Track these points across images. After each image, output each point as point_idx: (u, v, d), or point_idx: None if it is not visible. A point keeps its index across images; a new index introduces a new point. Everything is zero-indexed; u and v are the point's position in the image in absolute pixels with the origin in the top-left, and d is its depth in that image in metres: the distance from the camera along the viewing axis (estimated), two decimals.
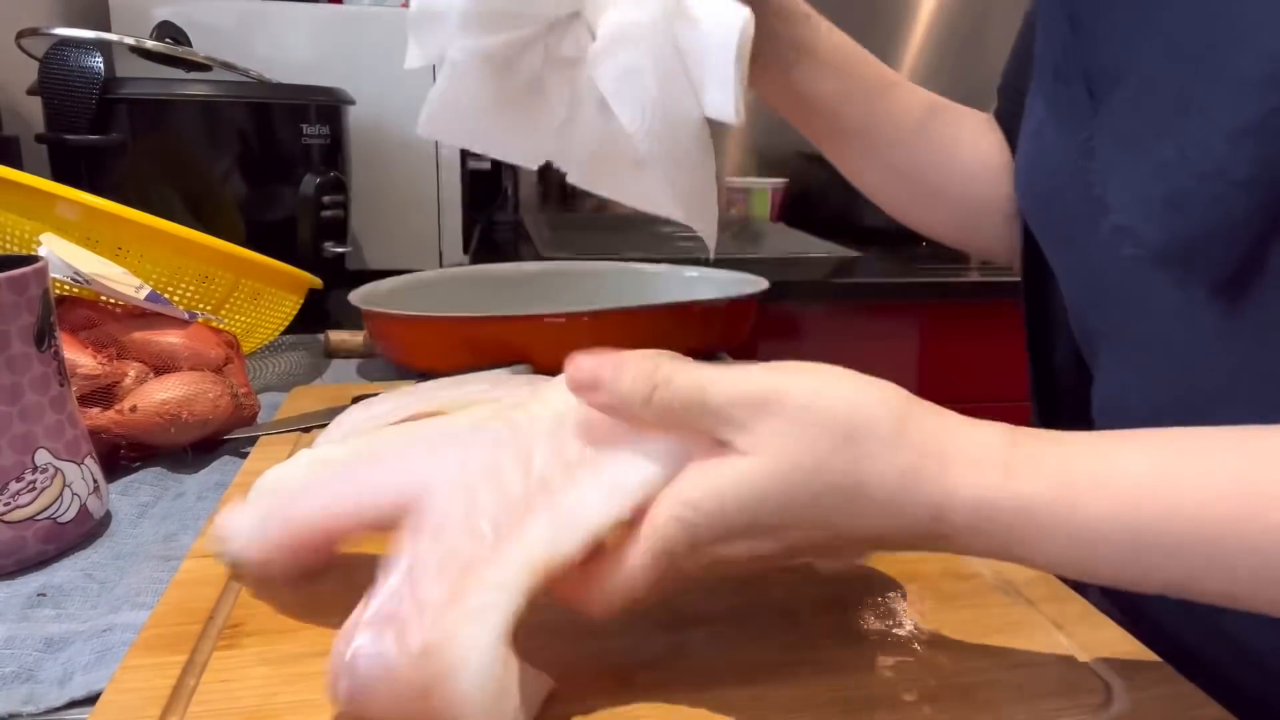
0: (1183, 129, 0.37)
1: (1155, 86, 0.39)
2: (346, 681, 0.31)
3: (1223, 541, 0.29)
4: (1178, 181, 0.37)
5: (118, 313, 0.62)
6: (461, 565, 0.32)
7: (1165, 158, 0.38)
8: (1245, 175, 0.35)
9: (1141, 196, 0.39)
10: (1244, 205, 0.35)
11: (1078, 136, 0.43)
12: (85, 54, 0.81)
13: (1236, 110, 0.35)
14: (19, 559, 0.46)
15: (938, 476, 0.31)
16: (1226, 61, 0.35)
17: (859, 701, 0.34)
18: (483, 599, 0.31)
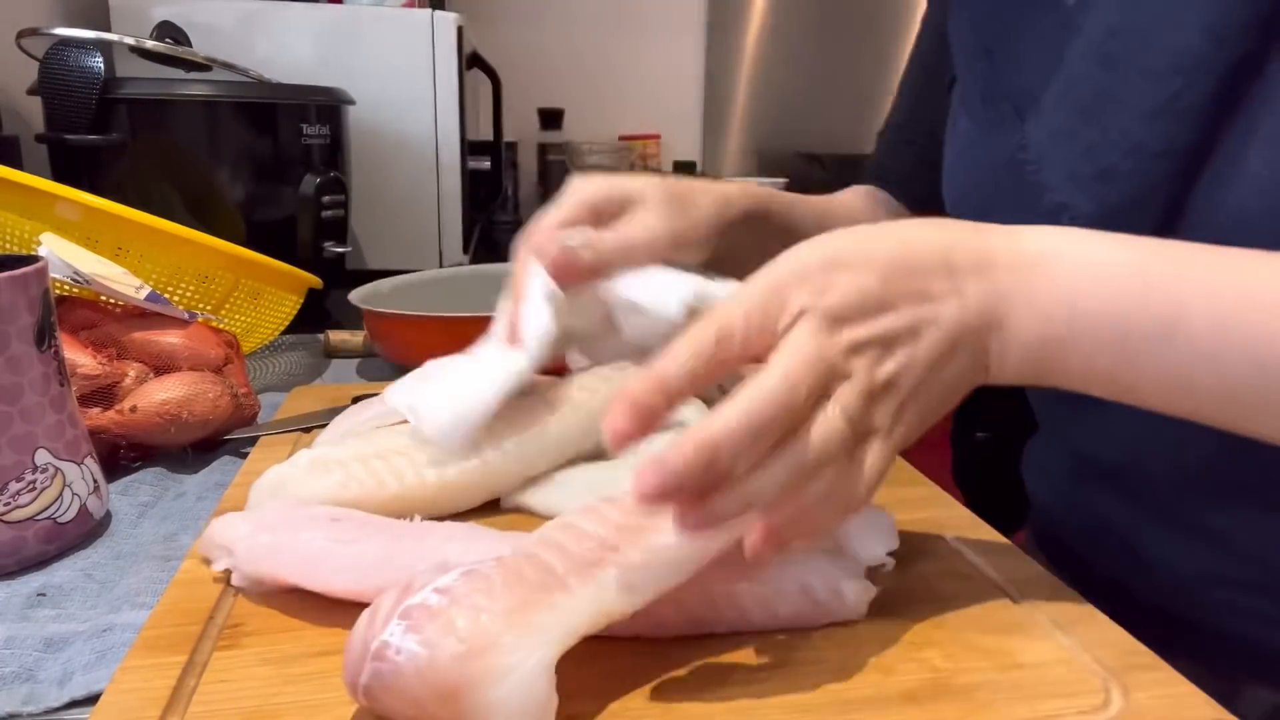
0: (1105, 117, 0.45)
1: (1078, 86, 0.47)
2: (369, 672, 0.30)
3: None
4: (1104, 159, 0.45)
5: (118, 313, 0.62)
6: (529, 586, 0.32)
7: (1092, 141, 0.45)
8: (1159, 148, 0.43)
9: (1074, 175, 0.46)
10: (1159, 174, 0.43)
11: (1011, 141, 0.50)
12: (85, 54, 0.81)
13: (1148, 96, 0.43)
14: (19, 559, 0.46)
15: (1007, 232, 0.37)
16: (1136, 59, 0.43)
17: (859, 701, 0.34)
18: (545, 619, 0.31)
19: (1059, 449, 0.60)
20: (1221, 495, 0.48)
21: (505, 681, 0.30)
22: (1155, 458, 0.50)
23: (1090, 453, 0.56)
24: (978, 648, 0.38)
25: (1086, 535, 0.57)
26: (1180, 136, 0.42)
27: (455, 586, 0.31)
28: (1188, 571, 0.50)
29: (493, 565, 0.33)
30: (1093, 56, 0.46)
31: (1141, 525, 0.52)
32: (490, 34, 1.92)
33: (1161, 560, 0.51)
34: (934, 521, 0.49)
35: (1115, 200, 0.45)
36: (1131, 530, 0.53)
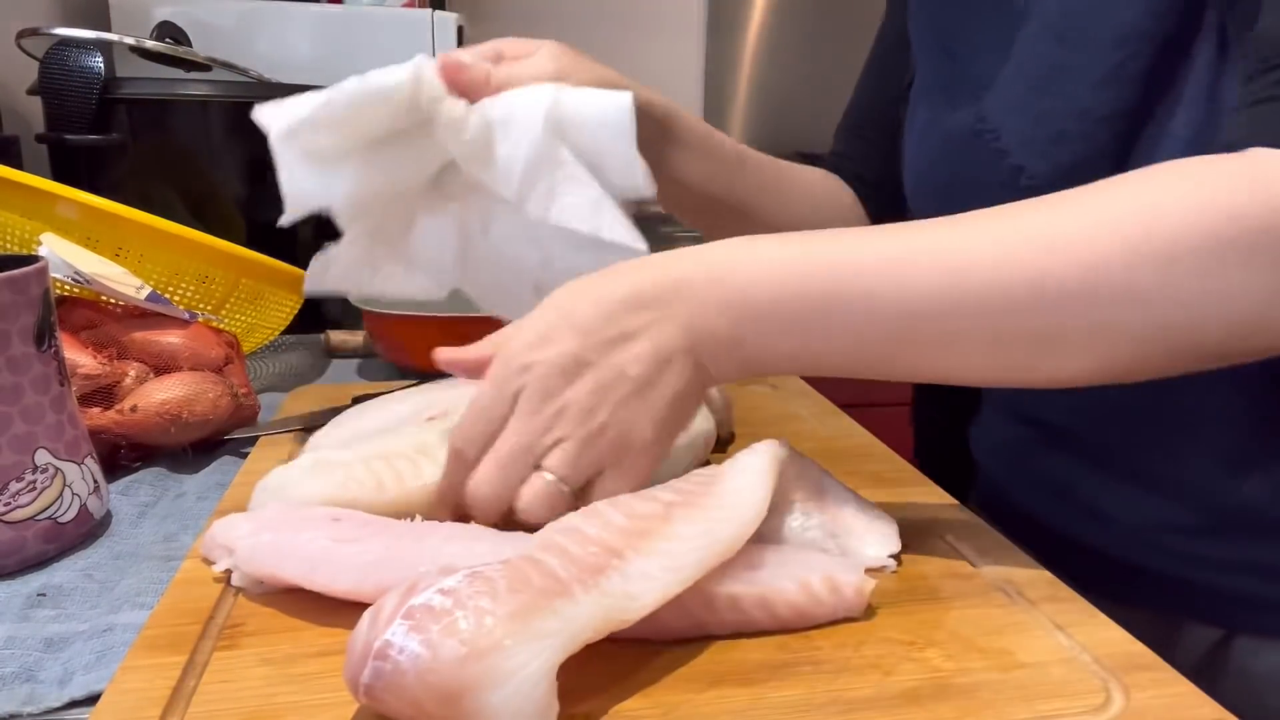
0: (1057, 86, 0.50)
1: (1033, 63, 0.52)
2: (370, 671, 0.30)
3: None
4: (1057, 124, 0.50)
5: (118, 313, 0.62)
6: (533, 590, 0.32)
7: (1045, 108, 0.50)
8: (1106, 112, 0.48)
9: (1030, 139, 0.51)
10: (1106, 136, 0.48)
11: (970, 115, 0.55)
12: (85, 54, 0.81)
13: (1096, 65, 0.48)
14: (19, 559, 0.46)
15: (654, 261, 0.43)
16: (1086, 32, 0.49)
17: (859, 701, 0.34)
18: (550, 624, 0.31)
19: (1004, 418, 0.65)
20: (1159, 446, 0.53)
21: (506, 685, 0.30)
22: (1094, 417, 0.55)
23: (1034, 418, 0.61)
24: (978, 648, 0.38)
25: (1034, 494, 0.61)
26: (1123, 102, 0.48)
27: (459, 588, 0.31)
28: (1133, 520, 0.54)
29: (497, 568, 0.33)
30: (1047, 34, 0.51)
31: (1087, 480, 0.57)
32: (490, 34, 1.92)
33: (1107, 511, 0.56)
34: (934, 521, 0.49)
35: (1067, 161, 0.50)
36: (1078, 486, 0.57)
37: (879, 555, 0.44)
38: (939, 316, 0.40)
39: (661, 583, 0.35)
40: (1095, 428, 0.56)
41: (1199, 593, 0.53)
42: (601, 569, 0.34)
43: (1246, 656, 0.52)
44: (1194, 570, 0.53)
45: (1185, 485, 0.52)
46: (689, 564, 0.36)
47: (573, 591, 0.33)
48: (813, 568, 0.40)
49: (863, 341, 0.41)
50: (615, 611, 0.33)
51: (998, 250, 0.39)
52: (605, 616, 0.33)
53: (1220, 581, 0.52)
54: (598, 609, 0.33)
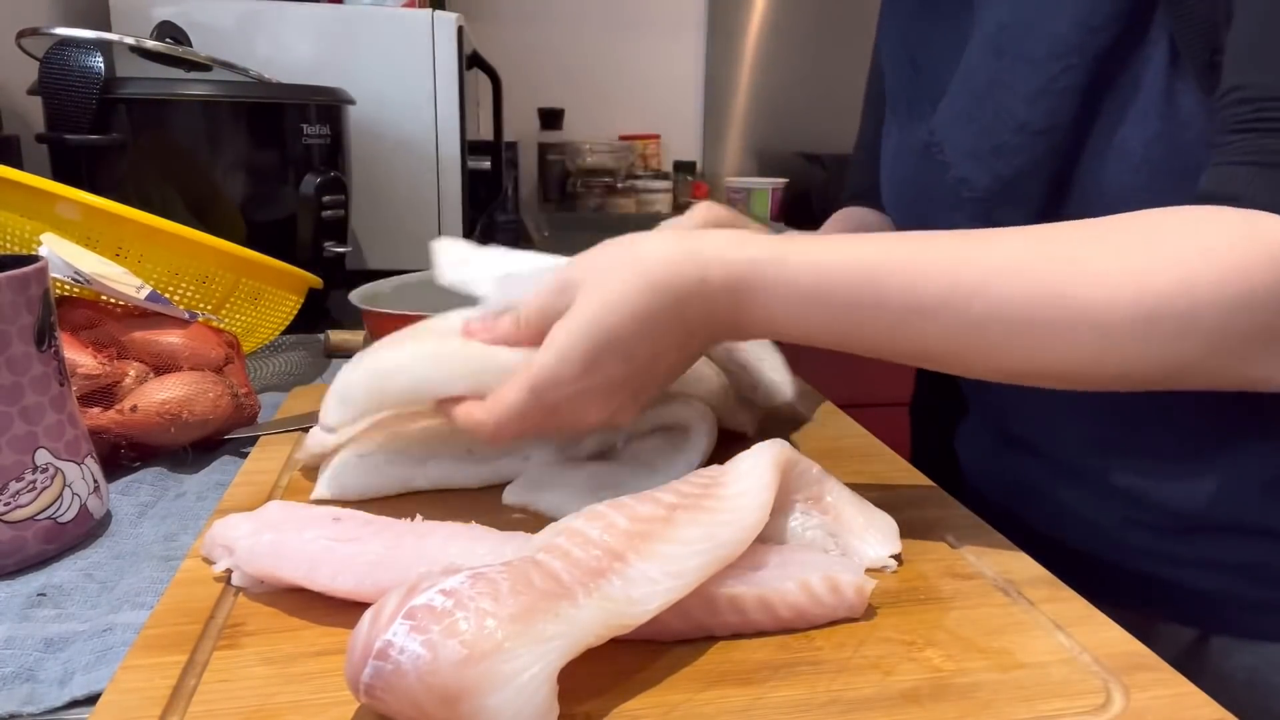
0: (996, 100, 0.51)
1: (975, 75, 0.53)
2: (370, 670, 0.30)
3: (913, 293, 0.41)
4: (996, 137, 0.51)
5: (118, 313, 0.62)
6: (536, 593, 0.32)
7: (986, 122, 0.52)
8: (1041, 125, 0.49)
9: (971, 152, 0.53)
10: (1043, 148, 0.49)
11: (923, 130, 0.57)
12: (85, 54, 0.81)
13: (1031, 80, 0.49)
14: (19, 559, 0.46)
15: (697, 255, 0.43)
16: (1022, 48, 0.49)
17: (859, 701, 0.34)
18: (552, 628, 0.31)
19: (984, 424, 0.67)
20: (1119, 452, 0.55)
21: (506, 688, 0.29)
22: (1062, 428, 0.58)
23: (1009, 426, 0.63)
24: (978, 648, 0.38)
25: (1012, 493, 0.63)
26: (1059, 115, 0.48)
27: (461, 589, 0.31)
28: (1106, 521, 0.56)
29: (500, 569, 0.33)
30: (987, 47, 0.52)
31: (1059, 484, 0.59)
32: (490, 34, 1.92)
33: (1080, 513, 0.57)
34: (934, 521, 0.49)
35: (1006, 174, 0.51)
36: (1051, 488, 0.59)
37: (879, 555, 0.44)
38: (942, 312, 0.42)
39: (664, 587, 0.35)
40: (1050, 436, 0.59)
41: (1173, 592, 0.54)
42: (603, 572, 0.34)
43: (1222, 657, 0.53)
44: (1167, 569, 0.54)
45: (1154, 494, 0.53)
46: (691, 568, 0.36)
47: (575, 595, 0.33)
48: (813, 568, 0.40)
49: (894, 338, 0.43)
50: (617, 616, 0.33)
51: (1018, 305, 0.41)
52: (607, 621, 0.33)
53: (1193, 581, 0.53)
54: (600, 613, 0.33)
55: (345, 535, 0.41)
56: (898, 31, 0.65)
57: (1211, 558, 0.52)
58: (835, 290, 0.42)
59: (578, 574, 0.34)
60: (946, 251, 0.42)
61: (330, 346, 0.85)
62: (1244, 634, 0.52)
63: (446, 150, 1.22)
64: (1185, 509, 0.52)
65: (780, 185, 1.93)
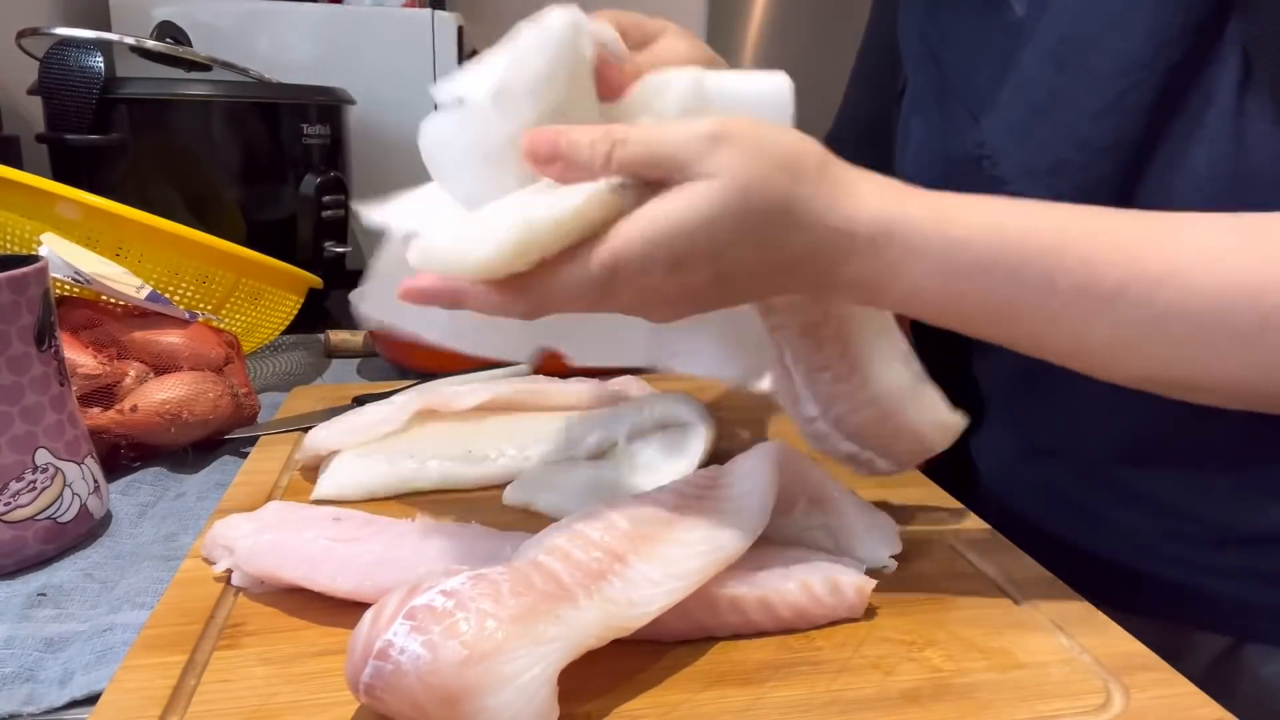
0: (1057, 114, 0.48)
1: (1032, 87, 0.50)
2: (370, 670, 0.30)
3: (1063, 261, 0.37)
4: (1057, 153, 0.48)
5: (118, 312, 0.62)
6: (537, 595, 0.32)
7: (1045, 137, 0.49)
8: (1106, 142, 0.46)
9: (1029, 169, 0.50)
10: (1107, 167, 0.47)
11: (969, 139, 0.54)
12: (85, 54, 0.81)
13: (1096, 96, 0.46)
14: (19, 559, 0.46)
15: (849, 196, 0.37)
16: (1086, 63, 0.47)
17: (859, 701, 0.34)
18: (553, 630, 0.31)
19: (1007, 431, 0.64)
20: (1152, 461, 0.52)
21: (506, 689, 0.29)
22: (1090, 435, 0.55)
23: (1034, 433, 0.61)
24: (978, 648, 0.38)
25: (1035, 502, 0.61)
26: (1126, 132, 0.46)
27: (462, 589, 0.31)
28: (1138, 530, 0.54)
29: (501, 570, 0.33)
30: (1046, 60, 0.49)
31: (1086, 491, 0.57)
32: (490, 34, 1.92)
33: (1107, 521, 0.55)
34: (934, 521, 0.49)
35: (1066, 191, 0.47)
36: (1077, 496, 0.57)
37: (880, 555, 0.44)
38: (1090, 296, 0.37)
39: (665, 589, 0.35)
40: (1080, 444, 0.57)
41: (1206, 601, 0.52)
42: (604, 574, 0.34)
43: (1256, 664, 0.51)
44: (1200, 578, 0.52)
45: (1177, 499, 0.52)
46: (693, 569, 0.36)
47: (576, 597, 0.33)
48: (814, 568, 0.40)
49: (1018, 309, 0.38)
50: (618, 618, 0.33)
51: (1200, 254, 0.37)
52: (608, 622, 0.33)
53: (1227, 590, 0.51)
54: (601, 615, 0.33)
55: (345, 535, 0.41)
56: (914, 26, 0.62)
57: (1248, 567, 0.51)
58: (1001, 263, 0.37)
59: (579, 575, 0.34)
60: (1130, 231, 0.38)
61: (330, 346, 0.85)
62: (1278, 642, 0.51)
63: None
64: (1221, 520, 0.51)
65: None
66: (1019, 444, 0.63)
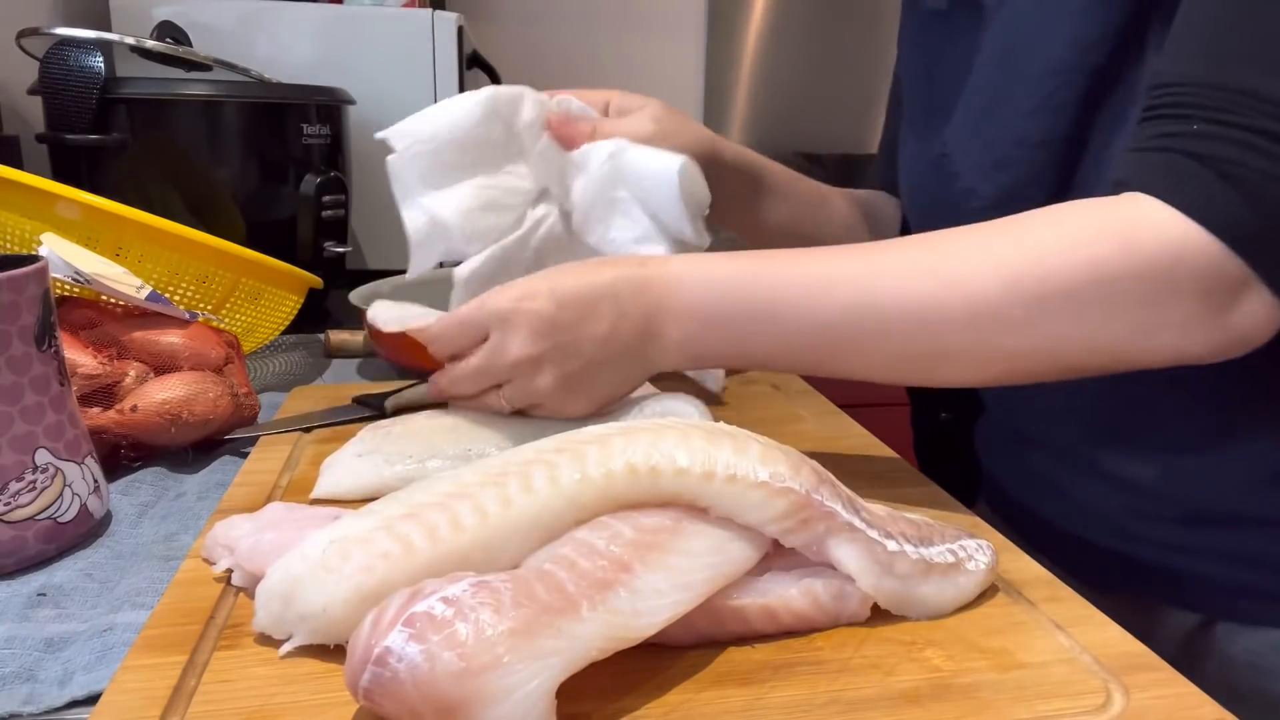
0: (1001, 115, 0.54)
1: (981, 92, 0.56)
2: (369, 676, 0.30)
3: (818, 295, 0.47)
4: (999, 150, 0.54)
5: (118, 312, 0.62)
6: (539, 606, 0.32)
7: (990, 135, 0.54)
8: (1038, 138, 0.51)
9: (977, 164, 0.55)
10: (1041, 162, 0.52)
11: (936, 142, 0.60)
12: (85, 54, 0.81)
13: (1029, 96, 0.51)
14: (19, 559, 0.46)
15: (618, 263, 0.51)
16: (1023, 66, 0.52)
17: (859, 701, 0.34)
18: (553, 644, 0.31)
19: (1000, 423, 0.69)
20: (1119, 442, 0.56)
21: (503, 703, 0.29)
22: (1066, 419, 0.59)
23: (1016, 420, 0.65)
24: (978, 648, 0.38)
25: (1029, 491, 0.64)
26: (1056, 129, 0.51)
27: (462, 597, 0.31)
28: (1107, 510, 0.57)
29: (504, 579, 0.33)
30: (992, 66, 0.55)
31: (1066, 475, 0.60)
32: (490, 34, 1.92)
33: (1087, 503, 0.59)
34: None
35: (1009, 184, 0.53)
36: (1061, 481, 0.61)
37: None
38: (848, 331, 0.47)
39: (671, 600, 0.35)
40: (1056, 430, 0.60)
41: (1178, 579, 0.55)
42: (610, 584, 0.34)
43: (1225, 642, 0.54)
44: (1172, 558, 0.55)
45: (1158, 484, 0.54)
46: (699, 580, 0.36)
47: (579, 608, 0.32)
48: (818, 574, 0.39)
49: (789, 347, 0.48)
50: (622, 629, 0.33)
51: (898, 282, 0.45)
52: (611, 635, 0.33)
53: (1200, 569, 0.54)
54: (604, 627, 0.32)
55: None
56: (915, 44, 0.67)
57: (1219, 547, 0.53)
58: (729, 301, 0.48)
59: (583, 586, 0.33)
60: (827, 263, 0.47)
61: (330, 346, 0.85)
62: (1249, 620, 0.53)
63: None
64: (1190, 499, 0.53)
65: None
66: (1006, 430, 0.67)
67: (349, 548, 0.36)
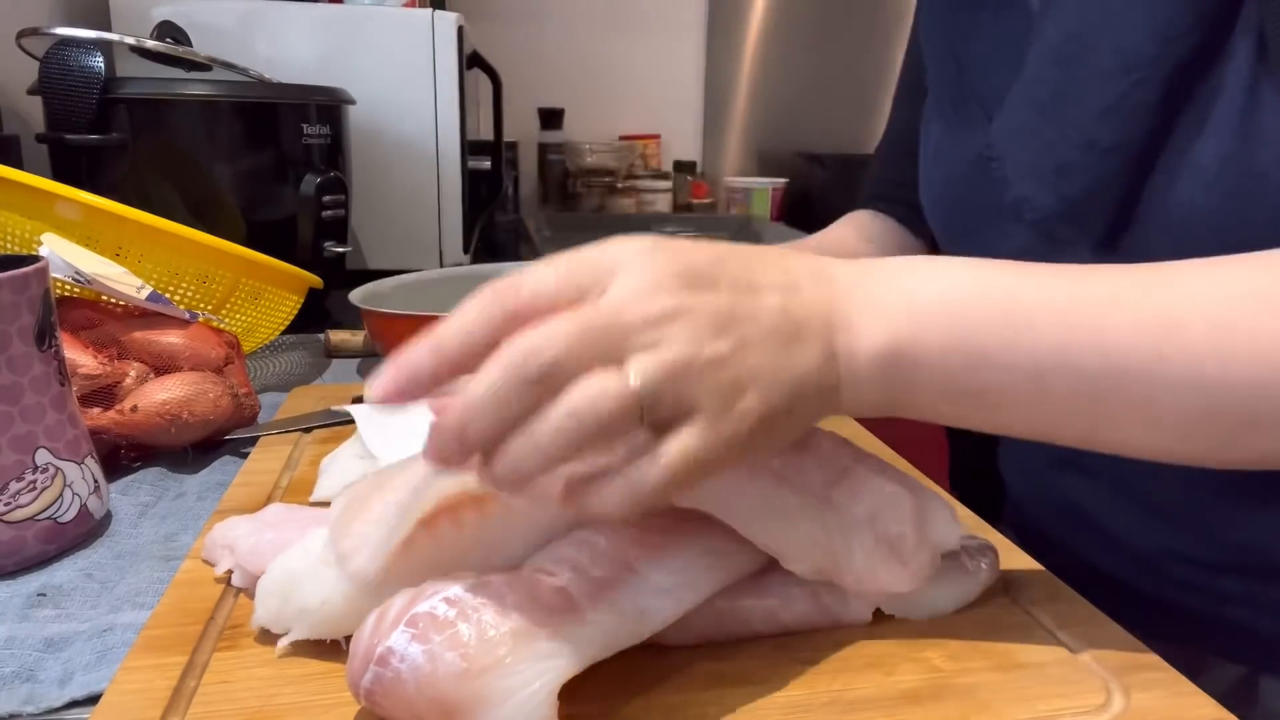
0: (1062, 115, 0.47)
1: (1038, 88, 0.49)
2: (370, 675, 0.30)
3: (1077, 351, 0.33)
4: (1061, 155, 0.47)
5: (118, 313, 0.62)
6: (541, 609, 0.32)
7: (1050, 139, 0.48)
8: (1111, 143, 0.45)
9: (1034, 170, 0.49)
10: (1112, 167, 0.45)
11: (978, 141, 0.53)
12: (85, 54, 0.81)
13: (1100, 95, 0.45)
14: (19, 559, 0.46)
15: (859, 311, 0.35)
16: (1089, 61, 0.45)
17: (859, 701, 0.34)
18: (555, 645, 0.31)
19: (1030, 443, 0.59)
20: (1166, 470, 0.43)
21: (505, 704, 0.29)
22: None
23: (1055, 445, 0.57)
24: (978, 648, 0.38)
25: (1059, 519, 0.60)
26: (1131, 132, 0.44)
27: (465, 598, 0.31)
28: (1148, 547, 0.53)
29: (506, 579, 0.32)
30: (1051, 58, 0.48)
31: (1103, 503, 0.55)
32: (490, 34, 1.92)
33: (1124, 537, 0.54)
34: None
35: (1072, 194, 0.47)
36: (1096, 509, 0.56)
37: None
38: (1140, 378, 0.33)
39: (674, 599, 0.34)
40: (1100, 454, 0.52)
41: (1220, 629, 0.51)
42: (613, 584, 0.34)
43: (1270, 697, 0.50)
44: (1214, 606, 0.51)
45: (1193, 515, 0.51)
46: (703, 580, 0.36)
47: (582, 611, 0.32)
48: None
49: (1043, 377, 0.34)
50: (624, 631, 0.33)
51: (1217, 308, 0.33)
52: (614, 634, 0.33)
53: (1242, 619, 0.50)
54: (606, 629, 0.32)
55: None
56: (938, 24, 0.61)
57: (1261, 596, 0.50)
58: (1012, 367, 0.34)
59: (586, 587, 0.33)
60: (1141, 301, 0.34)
61: (330, 346, 0.85)
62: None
63: (446, 150, 1.22)
64: (1230, 541, 0.50)
65: (780, 185, 1.92)
66: (1042, 455, 0.60)
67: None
